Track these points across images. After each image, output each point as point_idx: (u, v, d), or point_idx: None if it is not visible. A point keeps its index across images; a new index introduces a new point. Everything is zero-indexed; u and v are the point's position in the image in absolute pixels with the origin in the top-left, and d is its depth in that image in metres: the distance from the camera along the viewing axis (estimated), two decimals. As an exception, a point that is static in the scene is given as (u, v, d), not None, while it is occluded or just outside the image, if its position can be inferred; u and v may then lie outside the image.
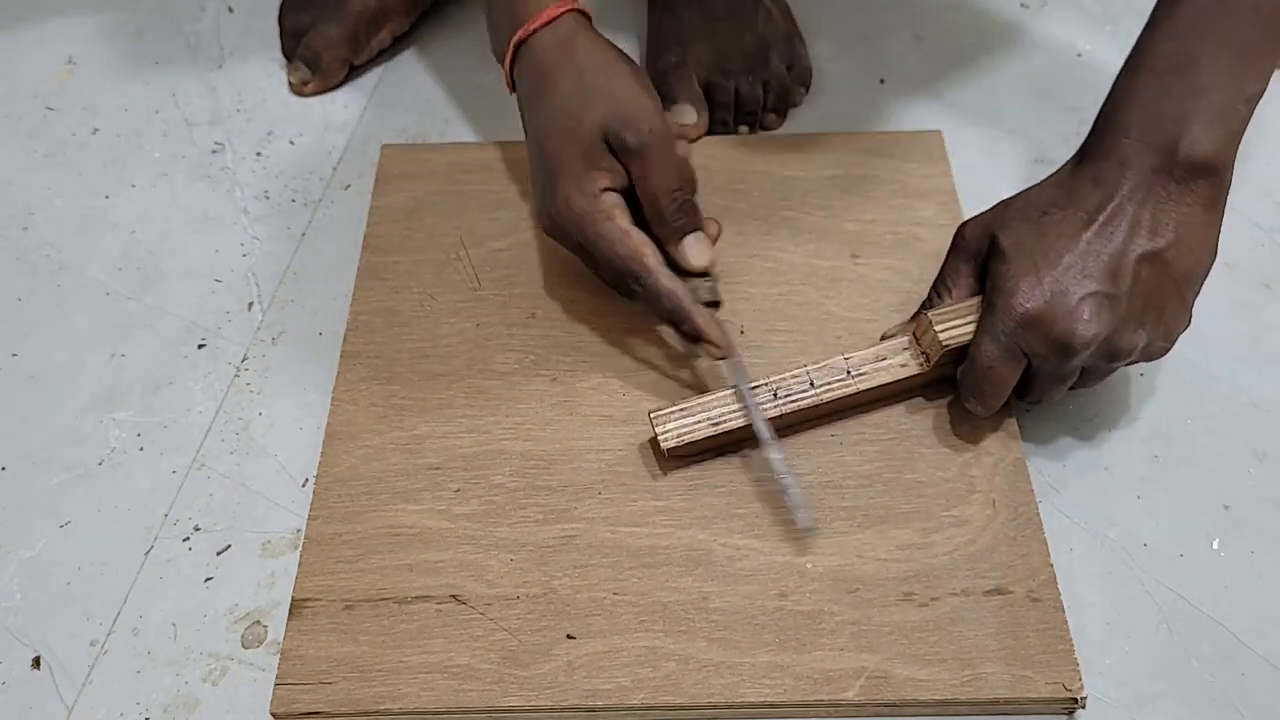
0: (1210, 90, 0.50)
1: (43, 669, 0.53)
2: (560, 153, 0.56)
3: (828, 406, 0.57)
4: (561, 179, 0.56)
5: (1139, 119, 0.51)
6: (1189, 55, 0.50)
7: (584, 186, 0.56)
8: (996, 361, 0.53)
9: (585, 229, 0.56)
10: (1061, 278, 0.51)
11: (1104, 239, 0.51)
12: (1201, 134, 0.50)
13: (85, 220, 0.72)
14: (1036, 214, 0.53)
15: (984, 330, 0.53)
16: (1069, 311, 0.50)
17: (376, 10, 0.79)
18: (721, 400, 0.56)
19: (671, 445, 0.55)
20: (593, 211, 0.55)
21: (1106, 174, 0.52)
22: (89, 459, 0.60)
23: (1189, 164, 0.50)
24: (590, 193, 0.56)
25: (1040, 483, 0.58)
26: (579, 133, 0.56)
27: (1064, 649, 0.51)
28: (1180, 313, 0.53)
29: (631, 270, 0.55)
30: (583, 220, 0.55)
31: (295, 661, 0.51)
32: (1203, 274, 0.53)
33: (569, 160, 0.56)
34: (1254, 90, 0.50)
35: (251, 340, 0.65)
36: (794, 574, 0.53)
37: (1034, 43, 0.81)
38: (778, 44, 0.75)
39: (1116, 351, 0.52)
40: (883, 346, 0.57)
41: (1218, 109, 0.50)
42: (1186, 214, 0.51)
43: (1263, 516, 0.56)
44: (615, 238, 0.55)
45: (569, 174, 0.56)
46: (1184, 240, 0.51)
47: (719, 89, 0.73)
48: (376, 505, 0.56)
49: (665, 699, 0.50)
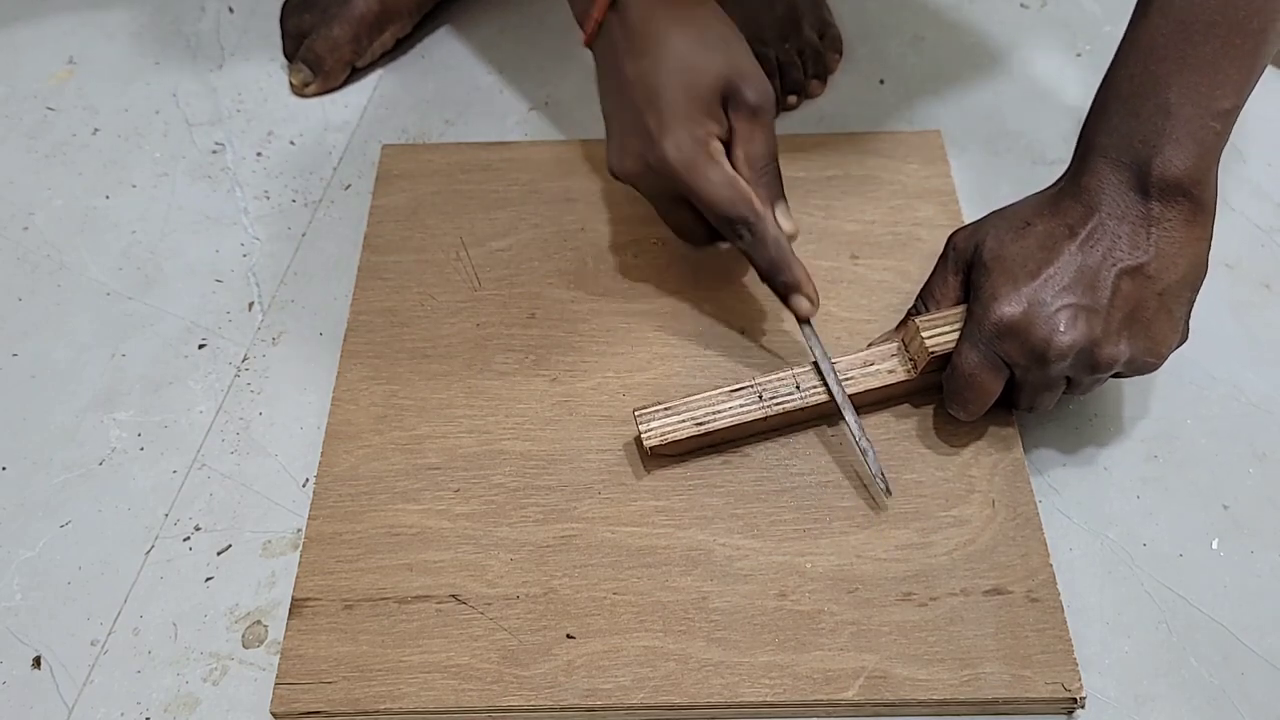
0: (1178, 109, 0.50)
1: (43, 669, 0.53)
2: (674, 98, 0.56)
3: (813, 411, 0.57)
4: (673, 123, 0.56)
5: (1112, 142, 0.52)
6: (1153, 76, 0.51)
7: (695, 131, 0.56)
8: (977, 369, 0.53)
9: (695, 172, 0.56)
10: (1040, 289, 0.51)
11: (1084, 253, 0.52)
12: (1172, 154, 0.50)
13: (86, 220, 0.72)
14: (1020, 226, 0.54)
15: (965, 338, 0.54)
16: (1046, 321, 0.51)
17: (379, 13, 0.79)
18: (707, 400, 0.56)
19: (655, 444, 0.55)
20: (703, 156, 0.56)
21: (1088, 192, 0.53)
22: (89, 459, 0.60)
23: (1162, 184, 0.51)
24: (701, 138, 0.56)
25: (1040, 483, 0.58)
26: (697, 82, 0.56)
27: (1063, 649, 0.51)
28: (1169, 327, 0.53)
29: (742, 214, 0.56)
30: (692, 164, 0.56)
31: (295, 661, 0.51)
32: (1190, 288, 0.53)
33: (683, 106, 0.56)
34: (1225, 106, 0.50)
35: (252, 340, 0.65)
36: (793, 574, 0.53)
37: (1034, 43, 0.81)
38: (807, 12, 0.77)
39: (1097, 363, 0.52)
40: (871, 352, 0.57)
41: (1187, 128, 0.50)
42: (1166, 230, 0.51)
43: (1263, 516, 0.56)
44: (727, 181, 0.56)
45: (682, 119, 0.56)
46: (1165, 254, 0.51)
47: (761, 58, 0.74)
48: (376, 505, 0.56)
49: (665, 699, 0.50)
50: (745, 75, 0.56)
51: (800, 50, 0.76)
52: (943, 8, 0.84)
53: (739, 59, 0.57)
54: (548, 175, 0.71)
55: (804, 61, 0.76)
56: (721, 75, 0.56)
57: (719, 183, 0.55)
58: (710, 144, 0.56)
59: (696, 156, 0.55)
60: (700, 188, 0.56)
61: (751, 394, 0.56)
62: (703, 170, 0.55)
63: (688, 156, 0.55)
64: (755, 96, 0.56)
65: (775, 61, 0.75)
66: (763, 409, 0.56)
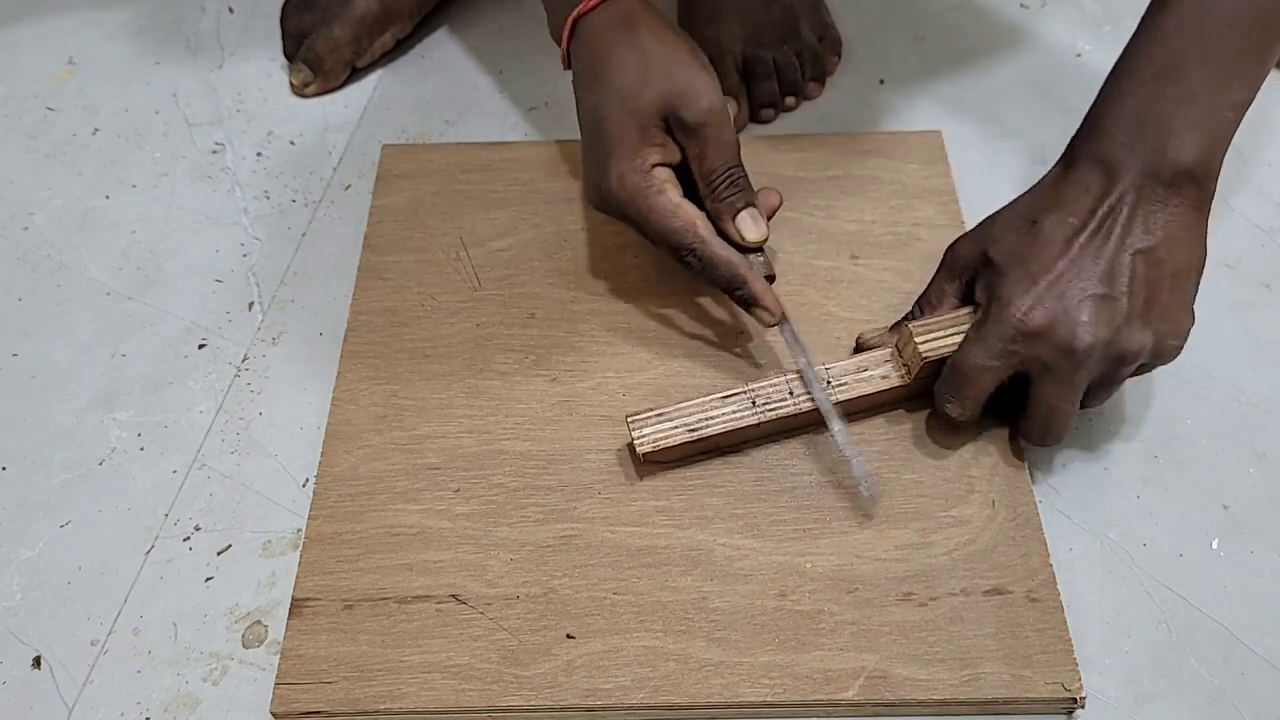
0: (1197, 98, 0.51)
1: (43, 669, 0.53)
2: (616, 129, 0.56)
3: (807, 416, 0.56)
4: (615, 155, 0.56)
5: (1126, 124, 0.52)
6: (1175, 63, 0.51)
7: (636, 162, 0.56)
8: (981, 366, 0.53)
9: (638, 204, 0.56)
10: (1058, 284, 0.51)
11: (1097, 242, 0.51)
12: (1188, 140, 0.51)
13: (85, 220, 0.72)
14: (1026, 223, 0.54)
15: (974, 338, 0.53)
16: (1069, 316, 0.50)
17: (380, 13, 0.79)
18: (699, 406, 0.56)
19: (647, 450, 0.55)
20: (645, 187, 0.56)
21: (1094, 178, 0.52)
22: (89, 459, 0.60)
23: (1175, 169, 0.51)
24: (643, 168, 0.56)
25: (1040, 483, 0.58)
26: (636, 109, 0.56)
27: (1063, 649, 0.51)
28: (1184, 309, 0.53)
29: (685, 242, 0.56)
30: (635, 195, 0.56)
31: (295, 661, 0.51)
32: (1196, 272, 0.53)
33: (624, 136, 0.56)
34: (1240, 98, 0.51)
35: (252, 340, 0.65)
36: (793, 574, 0.53)
37: (1034, 43, 0.81)
38: (805, 14, 0.77)
39: (1125, 353, 0.51)
40: (864, 357, 0.57)
41: (1204, 116, 0.51)
42: (1175, 214, 0.51)
43: (1263, 516, 0.56)
44: (669, 211, 0.56)
45: (623, 149, 0.56)
46: (1174, 238, 0.51)
47: (758, 61, 0.75)
48: (376, 505, 0.56)
49: (665, 699, 0.50)
50: (683, 94, 0.56)
51: (799, 52, 0.76)
52: (943, 8, 0.84)
53: (678, 79, 0.56)
54: (548, 175, 0.71)
55: (802, 63, 0.76)
56: (658, 99, 0.56)
57: (659, 213, 0.56)
58: (653, 173, 0.56)
59: (638, 187, 0.56)
60: (643, 218, 0.56)
61: (745, 400, 0.56)
62: (645, 201, 0.56)
63: (630, 188, 0.56)
64: (694, 115, 0.56)
65: (773, 63, 0.75)
66: (756, 415, 0.56)
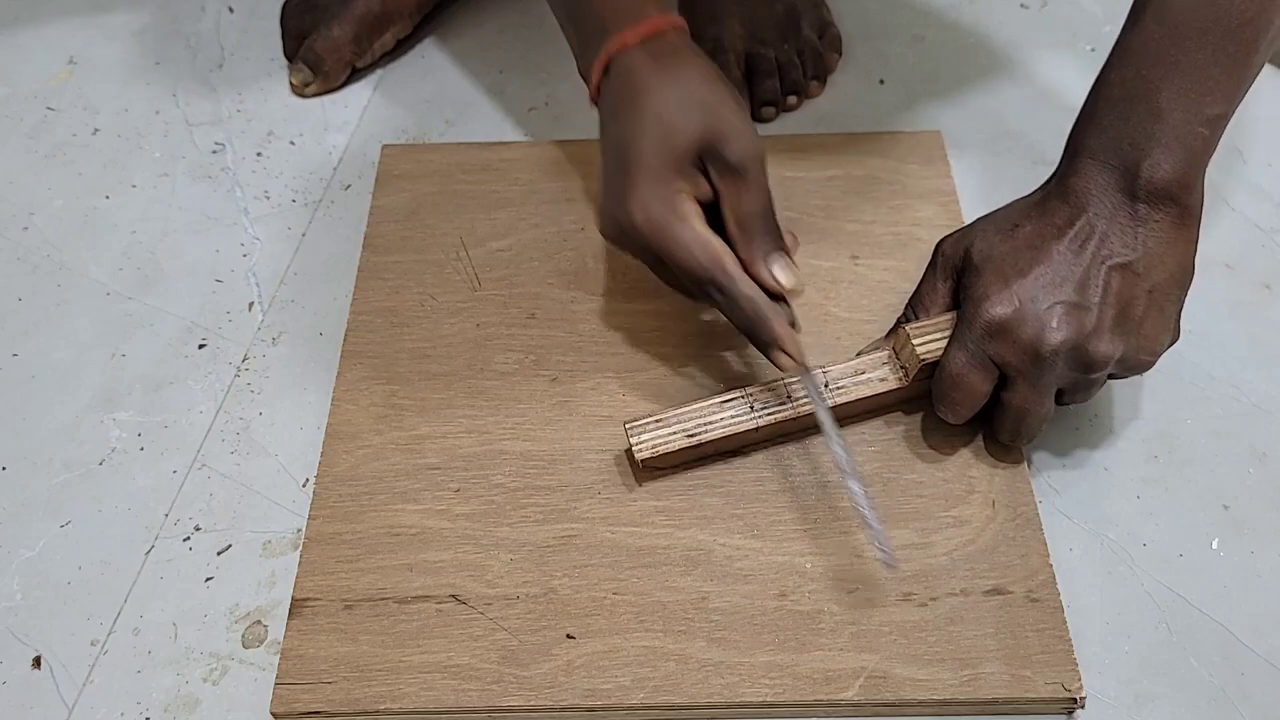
0: (1167, 115, 0.50)
1: (43, 669, 0.53)
2: (645, 157, 0.55)
3: (805, 421, 0.56)
4: (641, 183, 0.54)
5: (1101, 144, 0.52)
6: (1144, 81, 0.51)
7: (664, 191, 0.54)
8: (965, 370, 0.53)
9: (664, 234, 0.54)
10: (1030, 286, 0.52)
11: (1074, 251, 0.52)
12: (1161, 158, 0.51)
13: (86, 220, 0.72)
14: (1009, 228, 0.54)
15: (955, 339, 0.54)
16: (1037, 319, 0.51)
17: (380, 13, 0.79)
18: (698, 411, 0.56)
19: (646, 456, 0.55)
20: (672, 218, 0.54)
21: (1075, 193, 0.53)
22: (89, 459, 0.60)
23: (1150, 187, 0.51)
24: (669, 199, 0.54)
25: (1040, 483, 0.58)
26: (672, 141, 0.54)
27: (1063, 649, 0.51)
28: (1161, 325, 0.53)
29: (712, 277, 0.54)
30: (660, 225, 0.54)
31: (295, 661, 0.51)
32: (1179, 288, 0.53)
33: (655, 167, 0.54)
34: (1215, 112, 0.51)
35: (252, 340, 0.65)
36: (793, 574, 0.53)
37: (1034, 43, 0.81)
38: (806, 12, 0.78)
39: (1090, 361, 0.51)
40: (861, 361, 0.57)
41: (1176, 133, 0.51)
42: (1154, 230, 0.52)
43: (1263, 516, 0.56)
44: (696, 243, 0.54)
45: (652, 179, 0.54)
46: (1153, 253, 0.52)
47: (761, 58, 0.75)
48: (376, 505, 0.56)
49: (665, 699, 0.50)
50: (725, 135, 0.54)
51: (800, 50, 0.76)
52: (943, 8, 0.84)
53: (720, 118, 0.55)
54: (548, 175, 0.71)
55: (803, 62, 0.76)
56: (697, 135, 0.54)
57: (686, 244, 0.54)
58: (680, 205, 0.54)
59: (665, 217, 0.54)
60: (668, 249, 0.54)
61: (743, 404, 0.56)
62: (671, 232, 0.54)
63: (655, 218, 0.54)
64: (735, 155, 0.54)
65: (774, 62, 0.75)
66: (754, 419, 0.56)
